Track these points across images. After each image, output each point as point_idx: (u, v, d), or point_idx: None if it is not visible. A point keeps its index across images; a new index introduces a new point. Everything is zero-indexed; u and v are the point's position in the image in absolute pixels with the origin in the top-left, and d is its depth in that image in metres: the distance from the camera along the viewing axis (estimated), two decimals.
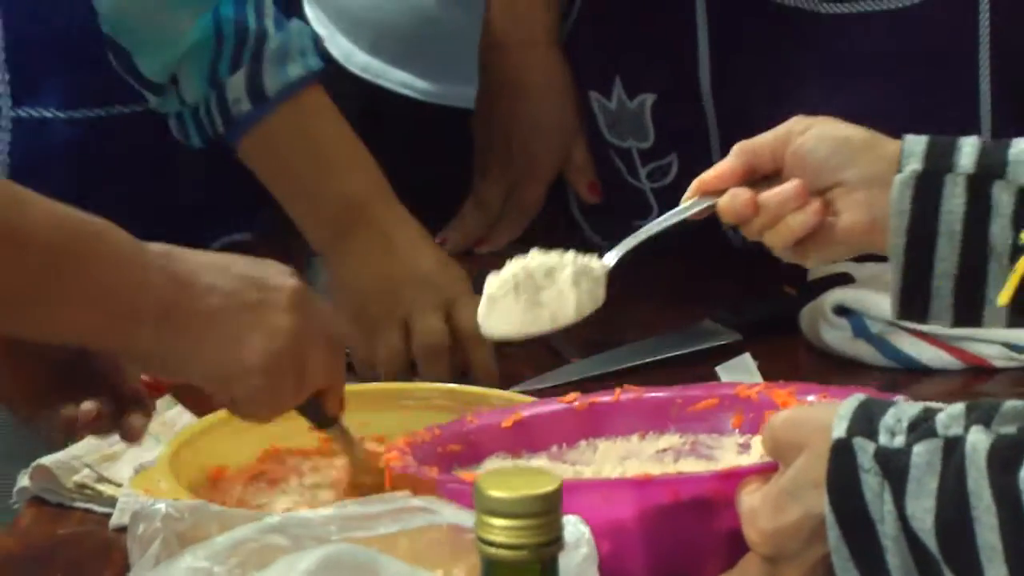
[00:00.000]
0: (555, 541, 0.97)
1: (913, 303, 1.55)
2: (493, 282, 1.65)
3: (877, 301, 1.95)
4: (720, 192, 1.61)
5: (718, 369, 1.95)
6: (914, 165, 1.54)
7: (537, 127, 2.25)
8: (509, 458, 1.49)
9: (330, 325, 1.60)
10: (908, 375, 1.94)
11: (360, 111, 2.46)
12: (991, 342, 1.95)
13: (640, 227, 1.68)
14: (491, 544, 0.96)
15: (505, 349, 1.94)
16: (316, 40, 2.09)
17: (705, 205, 1.63)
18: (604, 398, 1.58)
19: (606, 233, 2.23)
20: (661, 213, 2.09)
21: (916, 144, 1.56)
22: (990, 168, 1.52)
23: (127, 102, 2.17)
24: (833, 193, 1.58)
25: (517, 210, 2.27)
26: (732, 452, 1.51)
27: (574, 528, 1.19)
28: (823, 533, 1.24)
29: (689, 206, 1.64)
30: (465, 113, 2.33)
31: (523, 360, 1.96)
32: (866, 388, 1.55)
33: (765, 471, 1.31)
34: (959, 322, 1.55)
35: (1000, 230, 1.51)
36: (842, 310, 1.97)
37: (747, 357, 1.97)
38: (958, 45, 2.09)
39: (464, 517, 1.26)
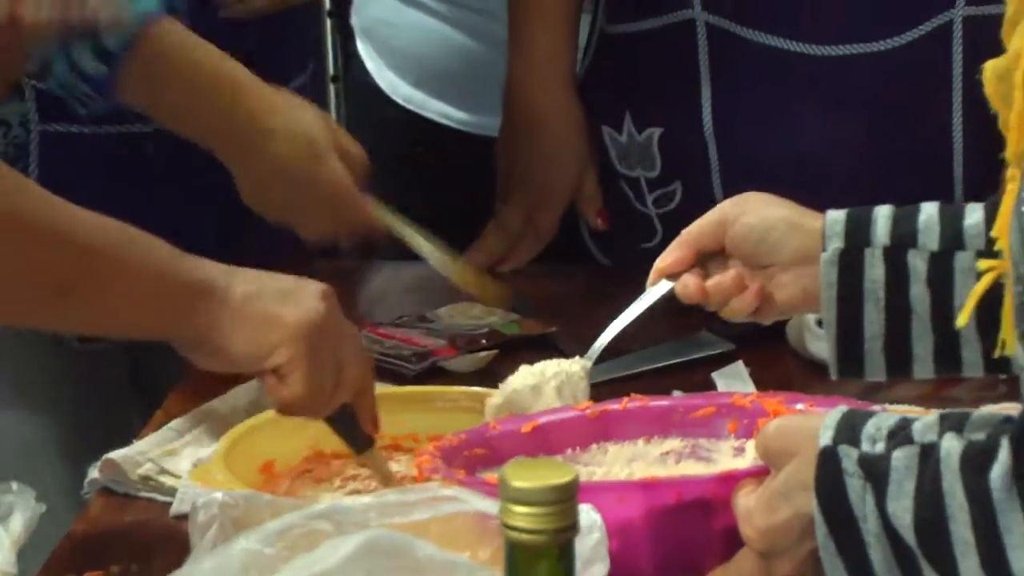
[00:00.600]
0: (571, 527, 0.97)
1: (849, 363, 1.59)
2: (489, 411, 1.66)
3: None
4: (677, 275, 1.64)
5: (714, 375, 1.94)
6: (836, 243, 1.56)
7: (553, 160, 2.24)
8: (539, 459, 1.46)
9: (357, 334, 1.62)
10: (884, 382, 1.85)
11: (402, 135, 2.51)
12: None
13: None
14: (514, 529, 0.96)
15: (525, 355, 1.90)
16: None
17: (665, 291, 1.66)
18: (613, 406, 1.57)
19: (613, 255, 2.26)
20: (665, 236, 2.11)
21: (836, 223, 1.57)
22: (903, 238, 1.55)
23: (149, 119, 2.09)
24: (770, 270, 1.61)
25: (534, 234, 2.26)
26: (728, 455, 1.51)
27: (587, 515, 1.18)
28: (812, 531, 1.23)
29: (651, 293, 1.67)
30: (493, 140, 2.32)
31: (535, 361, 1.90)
32: (847, 399, 1.56)
33: (758, 475, 1.31)
34: (892, 376, 1.59)
35: (918, 293, 1.55)
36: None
37: (740, 364, 1.96)
38: (934, 86, 2.09)
39: (489, 505, 1.26)
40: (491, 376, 1.90)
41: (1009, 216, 1.28)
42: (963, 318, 1.42)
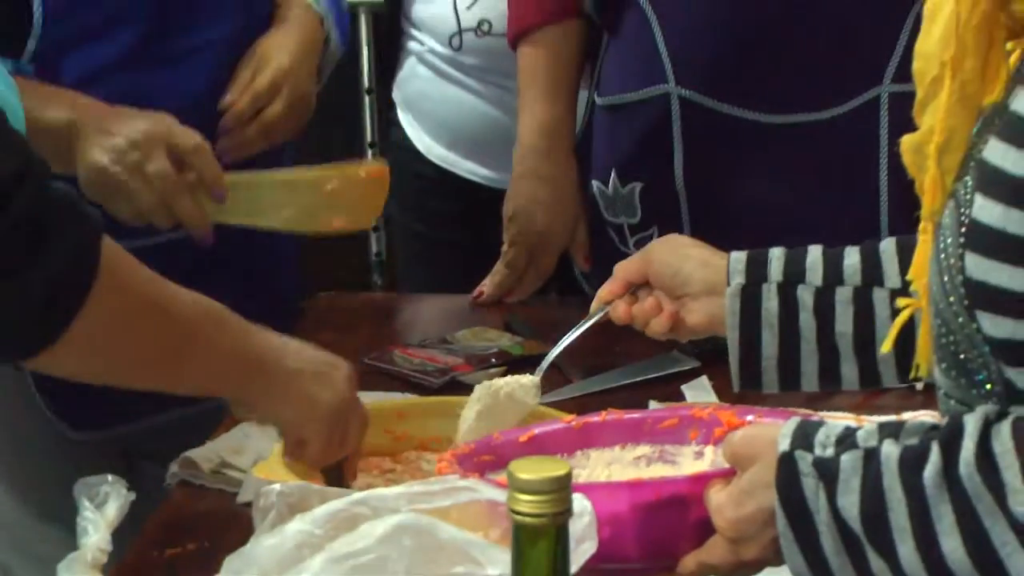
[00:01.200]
0: (566, 511, 0.99)
1: (749, 379, 1.60)
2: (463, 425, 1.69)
3: None
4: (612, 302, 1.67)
5: (683, 387, 1.94)
6: (739, 279, 1.57)
7: (552, 212, 2.22)
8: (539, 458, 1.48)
9: (365, 411, 1.64)
10: (824, 394, 1.85)
11: (436, 189, 2.52)
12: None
13: None
14: (519, 513, 0.98)
15: (528, 370, 1.87)
16: None
17: (601, 315, 1.68)
18: (594, 419, 1.56)
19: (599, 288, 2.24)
20: None
21: (738, 261, 1.58)
22: (793, 276, 1.56)
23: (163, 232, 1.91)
24: (683, 299, 1.62)
25: (536, 271, 2.24)
26: (690, 458, 1.50)
27: (579, 502, 1.19)
28: (773, 521, 1.24)
29: (592, 315, 1.70)
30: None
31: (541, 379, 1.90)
32: (791, 410, 1.56)
33: (726, 475, 1.31)
34: (783, 389, 1.60)
35: (806, 320, 1.56)
36: None
37: (704, 379, 1.96)
38: (866, 150, 2.08)
39: (498, 494, 1.26)
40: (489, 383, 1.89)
41: (927, 263, 1.28)
42: (887, 346, 1.43)
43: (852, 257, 1.55)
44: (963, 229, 1.21)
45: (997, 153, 1.19)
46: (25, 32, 1.84)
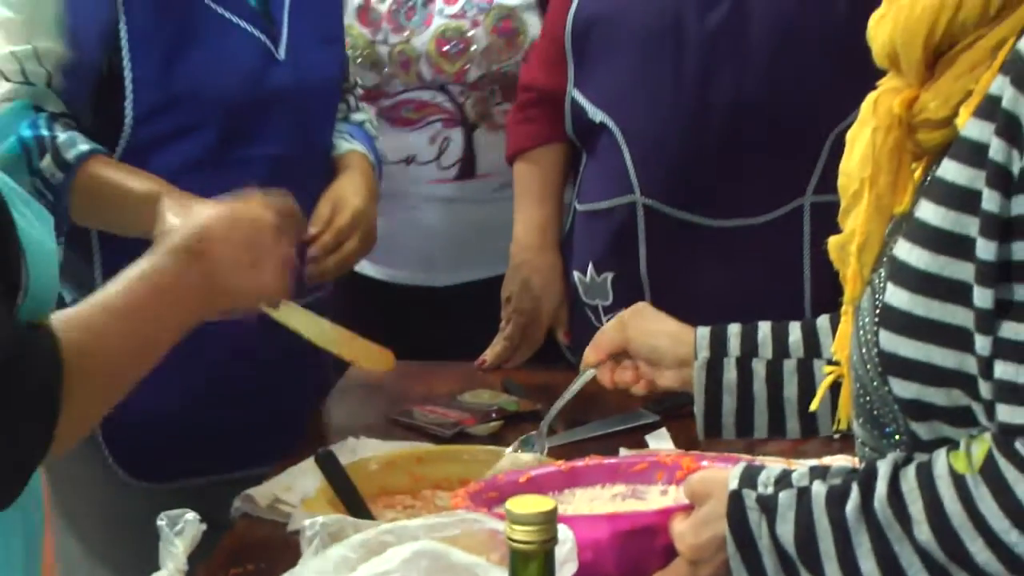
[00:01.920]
0: (552, 539, 1.01)
1: (712, 431, 1.60)
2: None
3: None
4: (596, 365, 1.68)
5: (647, 437, 1.93)
6: (704, 354, 1.58)
7: (540, 297, 2.22)
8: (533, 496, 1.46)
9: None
10: (759, 441, 1.81)
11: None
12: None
13: None
14: (515, 541, 1.01)
15: (525, 425, 1.93)
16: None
17: (589, 377, 1.69)
18: (579, 463, 1.56)
19: (578, 357, 2.19)
20: None
21: (703, 338, 1.59)
22: (748, 350, 1.57)
23: None
24: (658, 368, 1.63)
25: (527, 344, 2.24)
26: (657, 496, 1.50)
27: (563, 532, 1.19)
28: (725, 547, 1.24)
29: (579, 379, 1.70)
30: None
31: (528, 430, 1.91)
32: (733, 455, 1.59)
33: (686, 509, 1.31)
34: (739, 437, 1.61)
35: (759, 388, 1.56)
36: None
37: (664, 430, 1.94)
38: (791, 248, 2.08)
39: (498, 525, 1.26)
40: (499, 438, 1.92)
41: (848, 338, 1.29)
42: (815, 404, 1.46)
43: (795, 333, 1.56)
44: (877, 311, 1.21)
45: (904, 251, 1.19)
46: (118, 134, 1.82)
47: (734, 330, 1.58)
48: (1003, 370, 1.13)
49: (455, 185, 2.31)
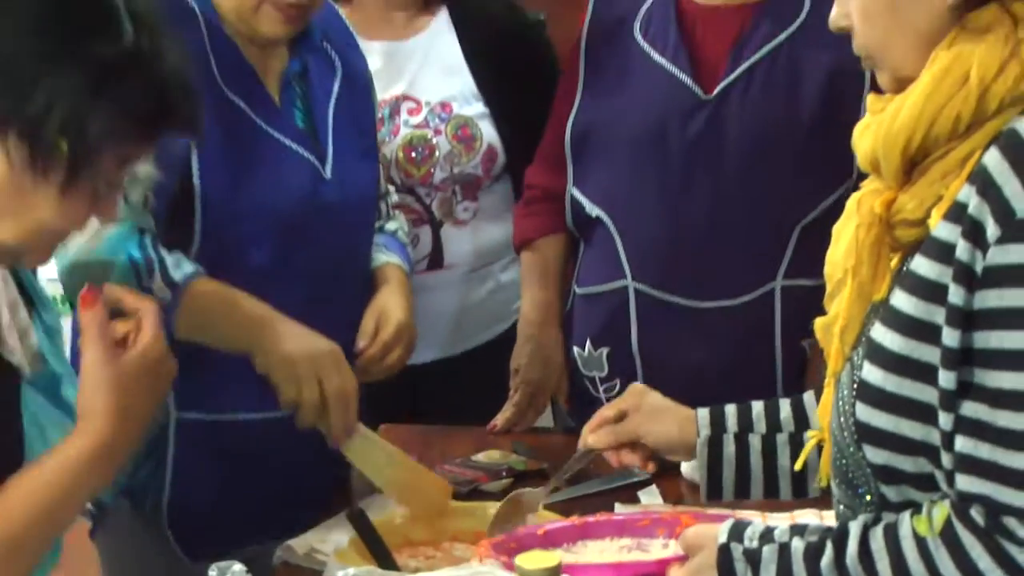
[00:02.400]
0: None
1: (713, 496, 1.59)
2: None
3: None
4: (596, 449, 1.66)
5: (639, 493, 1.92)
6: (705, 431, 1.57)
7: (544, 369, 2.20)
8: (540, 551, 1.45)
9: None
10: (739, 502, 1.81)
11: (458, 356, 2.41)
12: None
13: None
14: None
15: (531, 480, 1.92)
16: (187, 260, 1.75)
17: (591, 457, 1.68)
18: (590, 519, 1.56)
19: (579, 421, 2.18)
20: None
21: (704, 418, 1.58)
22: (745, 426, 1.56)
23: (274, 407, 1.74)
24: (671, 453, 1.64)
25: (534, 409, 2.21)
26: (659, 548, 1.50)
27: None
28: None
29: (581, 457, 1.68)
30: None
31: (536, 486, 1.86)
32: (725, 515, 1.56)
33: (681, 559, 1.31)
34: (737, 498, 1.60)
35: (755, 460, 1.56)
36: None
37: (654, 487, 1.93)
38: (765, 327, 2.07)
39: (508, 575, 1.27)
40: (509, 494, 1.88)
41: (830, 408, 1.29)
42: (799, 464, 1.46)
43: (785, 410, 1.56)
44: (855, 385, 1.22)
45: (880, 333, 1.20)
46: (186, 249, 1.76)
47: (730, 409, 1.58)
48: (962, 444, 1.13)
49: (425, 276, 2.27)
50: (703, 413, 1.58)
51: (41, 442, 1.23)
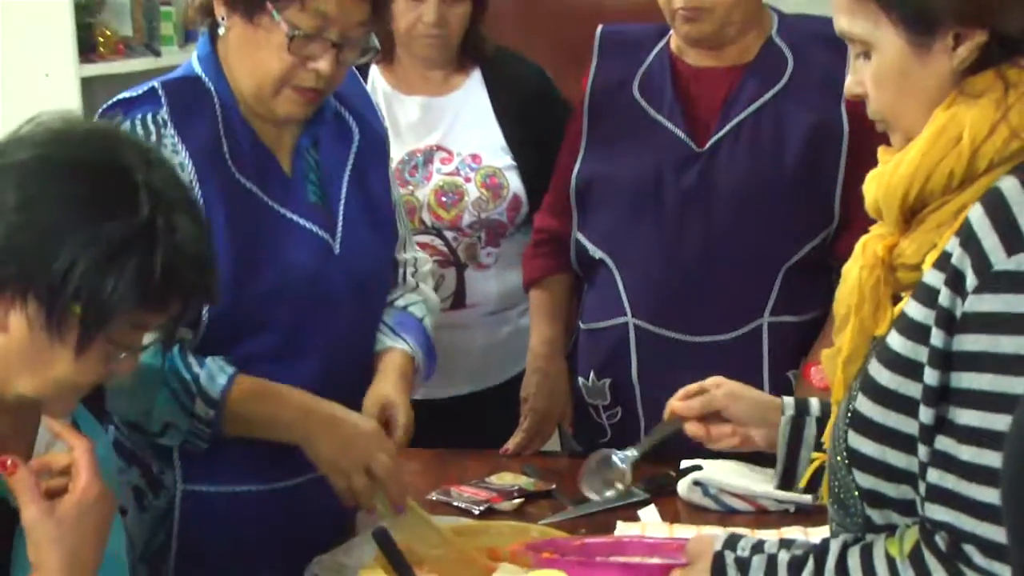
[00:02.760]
0: None
1: (785, 484, 1.51)
2: None
3: (715, 480, 1.92)
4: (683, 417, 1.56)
5: (639, 512, 1.89)
6: (789, 412, 1.49)
7: (551, 397, 2.19)
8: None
9: None
10: (729, 514, 1.89)
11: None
12: (767, 498, 1.89)
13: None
14: None
15: (541, 502, 1.91)
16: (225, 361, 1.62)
17: (679, 425, 1.57)
18: (626, 538, 1.56)
19: (584, 445, 2.19)
20: (613, 436, 2.12)
21: (789, 401, 1.50)
22: (825, 411, 1.47)
23: (289, 476, 1.67)
24: (747, 427, 1.54)
25: (541, 436, 2.20)
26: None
27: None
28: None
29: (669, 427, 1.58)
30: None
31: (545, 508, 1.92)
32: (709, 526, 1.56)
33: (684, 565, 1.31)
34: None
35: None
36: (697, 483, 1.93)
37: (653, 507, 1.91)
38: (752, 360, 2.05)
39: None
40: (520, 513, 1.90)
41: (830, 432, 1.28)
42: (803, 482, 1.44)
43: None
44: (849, 414, 1.21)
45: (874, 368, 1.19)
46: (194, 331, 1.63)
47: (814, 399, 1.51)
48: (933, 475, 1.13)
49: (449, 314, 2.25)
50: (788, 398, 1.51)
51: None
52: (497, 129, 2.26)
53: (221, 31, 1.62)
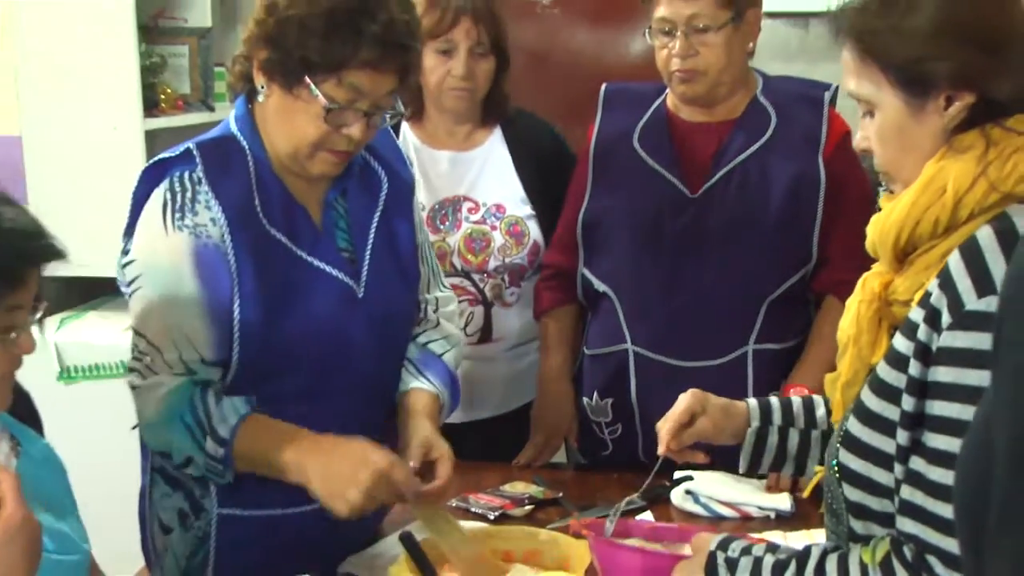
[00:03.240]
0: None
1: (750, 472, 1.52)
2: None
3: (704, 490, 1.90)
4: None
5: (636, 517, 1.84)
6: (755, 423, 1.50)
7: (558, 416, 2.17)
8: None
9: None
10: (717, 521, 1.86)
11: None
12: (750, 505, 1.87)
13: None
14: None
15: (549, 508, 1.87)
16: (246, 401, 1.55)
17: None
18: (691, 527, 1.55)
19: (589, 458, 2.18)
20: (614, 450, 2.10)
21: (754, 409, 1.51)
22: (788, 420, 1.49)
23: (305, 503, 1.56)
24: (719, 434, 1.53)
25: (549, 449, 2.18)
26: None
27: None
28: None
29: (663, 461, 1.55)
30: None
31: (552, 514, 1.89)
32: (702, 527, 1.53)
33: (685, 558, 1.31)
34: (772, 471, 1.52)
35: (792, 448, 1.49)
36: (689, 492, 1.91)
37: (649, 512, 1.89)
38: (738, 385, 2.02)
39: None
40: (531, 519, 1.87)
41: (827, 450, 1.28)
42: (806, 492, 1.46)
43: (820, 409, 1.50)
44: (841, 433, 1.21)
45: (865, 393, 1.19)
46: (224, 372, 1.56)
47: (774, 402, 1.52)
48: (905, 491, 1.12)
49: (477, 347, 2.20)
50: (753, 405, 1.50)
51: None
52: (517, 182, 2.24)
53: (260, 98, 1.58)
